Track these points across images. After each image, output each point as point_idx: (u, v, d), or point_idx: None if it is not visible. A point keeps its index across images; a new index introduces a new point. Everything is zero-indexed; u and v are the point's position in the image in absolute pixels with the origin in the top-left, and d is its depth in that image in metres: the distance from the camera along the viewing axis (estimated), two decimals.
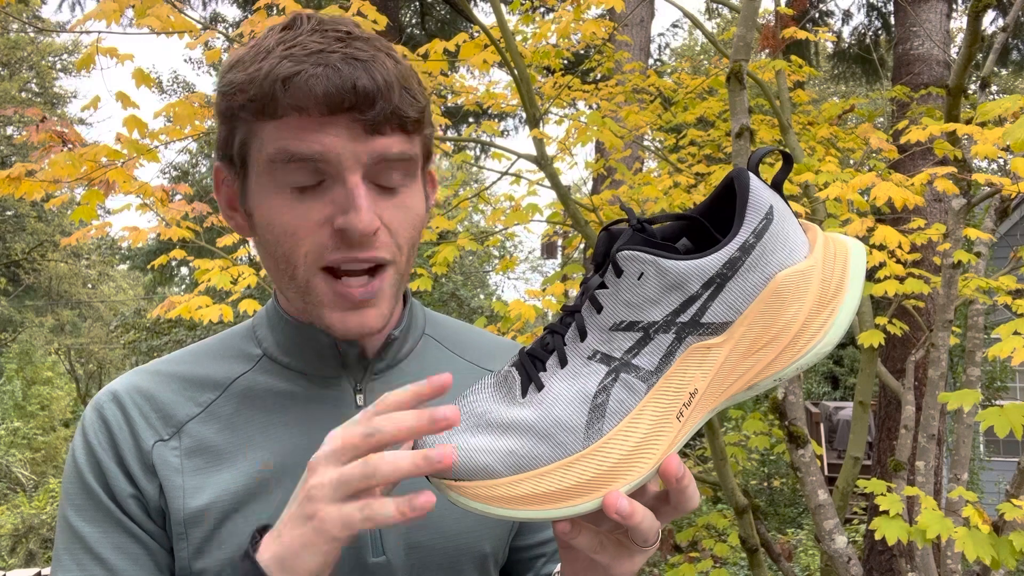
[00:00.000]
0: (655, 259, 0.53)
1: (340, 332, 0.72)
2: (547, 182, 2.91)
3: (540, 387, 0.55)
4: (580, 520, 0.57)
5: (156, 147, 2.48)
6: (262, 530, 0.62)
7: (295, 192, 0.69)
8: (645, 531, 0.55)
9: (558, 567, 0.79)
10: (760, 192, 0.54)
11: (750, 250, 0.53)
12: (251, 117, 0.68)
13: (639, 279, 0.54)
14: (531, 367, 0.57)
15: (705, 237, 0.59)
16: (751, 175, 0.55)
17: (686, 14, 3.40)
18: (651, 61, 7.85)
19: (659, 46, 11.64)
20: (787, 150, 0.78)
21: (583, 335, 0.56)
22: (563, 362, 0.56)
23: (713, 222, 0.59)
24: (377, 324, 0.72)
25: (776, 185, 0.56)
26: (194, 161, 16.25)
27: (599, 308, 0.55)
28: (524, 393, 0.56)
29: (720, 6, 11.29)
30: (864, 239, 2.26)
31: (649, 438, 0.54)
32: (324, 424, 0.76)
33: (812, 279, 0.55)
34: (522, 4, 3.72)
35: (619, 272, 0.54)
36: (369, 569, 0.74)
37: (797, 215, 0.59)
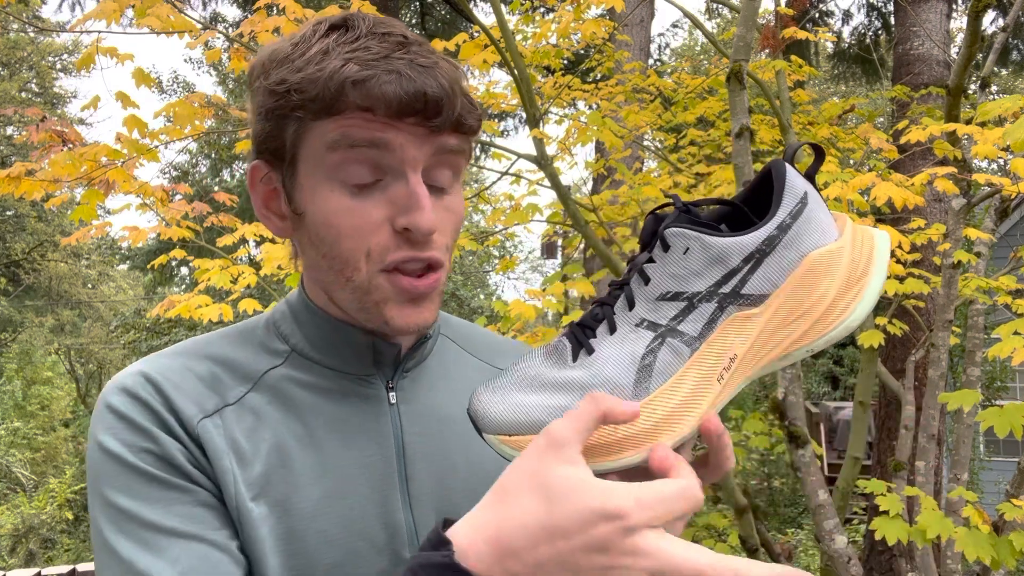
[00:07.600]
0: (700, 235, 0.59)
1: (398, 327, 0.71)
2: (547, 182, 2.91)
3: (591, 351, 0.60)
4: (626, 476, 0.59)
5: (156, 147, 2.48)
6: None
7: (352, 189, 0.68)
8: None
9: None
10: (795, 180, 0.61)
11: (786, 230, 0.60)
12: (308, 116, 0.67)
13: (685, 253, 0.59)
14: (581, 334, 0.62)
15: (741, 225, 0.65)
16: (787, 164, 0.62)
17: (686, 14, 3.41)
18: (651, 61, 7.84)
19: (659, 46, 11.63)
20: (820, 144, 0.86)
21: (631, 305, 0.61)
22: (612, 329, 0.61)
23: (750, 210, 0.65)
24: (431, 319, 0.73)
25: (809, 176, 0.63)
26: (194, 161, 16.25)
27: (647, 280, 0.60)
28: (575, 358, 0.60)
29: (720, 6, 11.29)
30: None
31: (692, 397, 0.59)
32: (360, 421, 0.75)
33: (842, 259, 0.61)
34: (522, 4, 3.72)
35: (666, 247, 0.60)
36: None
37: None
